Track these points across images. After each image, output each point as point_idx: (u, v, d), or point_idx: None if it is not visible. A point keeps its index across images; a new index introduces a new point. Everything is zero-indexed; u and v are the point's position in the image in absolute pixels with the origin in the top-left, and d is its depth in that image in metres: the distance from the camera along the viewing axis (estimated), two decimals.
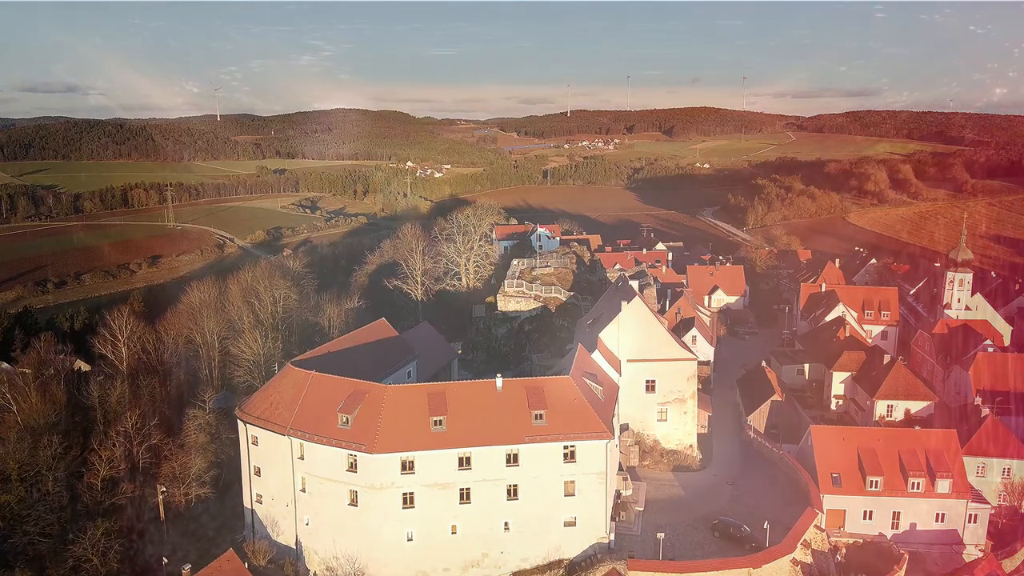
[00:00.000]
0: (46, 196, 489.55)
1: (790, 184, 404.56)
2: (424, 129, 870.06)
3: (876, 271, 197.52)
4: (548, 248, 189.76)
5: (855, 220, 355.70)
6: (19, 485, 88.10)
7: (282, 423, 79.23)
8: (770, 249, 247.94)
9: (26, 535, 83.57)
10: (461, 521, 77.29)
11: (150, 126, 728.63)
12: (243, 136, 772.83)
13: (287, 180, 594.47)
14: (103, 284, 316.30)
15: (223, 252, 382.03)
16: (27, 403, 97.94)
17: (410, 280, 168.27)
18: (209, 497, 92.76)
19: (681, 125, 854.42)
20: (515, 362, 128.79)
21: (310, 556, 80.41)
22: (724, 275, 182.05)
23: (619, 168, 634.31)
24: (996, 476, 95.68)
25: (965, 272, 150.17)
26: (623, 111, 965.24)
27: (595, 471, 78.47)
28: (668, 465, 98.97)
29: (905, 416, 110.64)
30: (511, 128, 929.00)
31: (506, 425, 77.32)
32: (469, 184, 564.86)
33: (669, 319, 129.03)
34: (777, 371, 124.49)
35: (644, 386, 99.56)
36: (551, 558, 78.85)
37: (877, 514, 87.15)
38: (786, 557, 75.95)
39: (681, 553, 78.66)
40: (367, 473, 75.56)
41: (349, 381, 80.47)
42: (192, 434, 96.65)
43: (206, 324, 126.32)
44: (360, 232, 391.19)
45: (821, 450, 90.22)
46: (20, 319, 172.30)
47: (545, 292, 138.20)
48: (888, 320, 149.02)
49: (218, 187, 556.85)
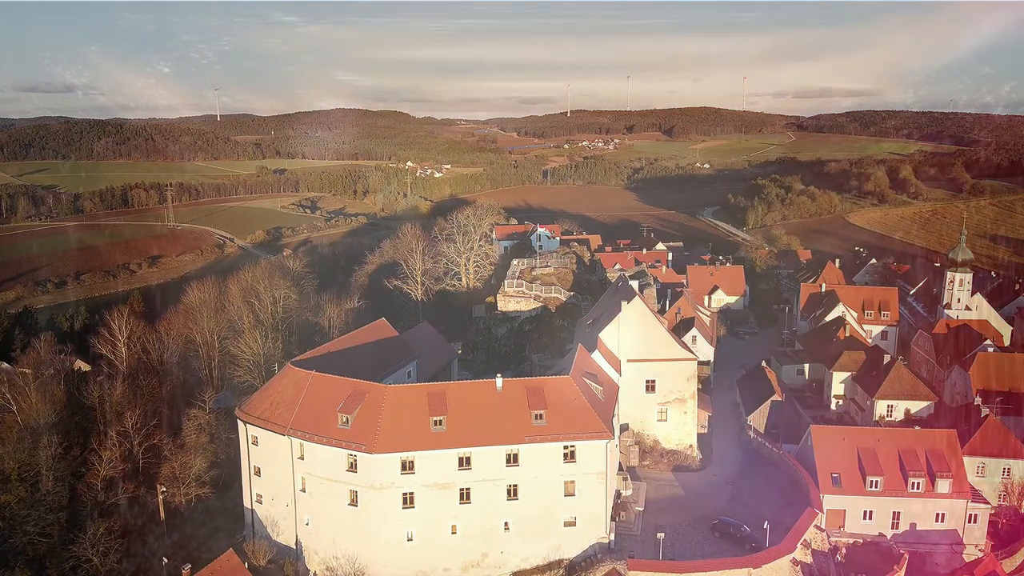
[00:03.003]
0: (46, 196, 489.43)
1: (790, 184, 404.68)
2: (424, 129, 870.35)
3: (876, 271, 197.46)
4: (548, 248, 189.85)
5: (855, 220, 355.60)
6: (19, 485, 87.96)
7: (282, 423, 79.23)
8: (770, 249, 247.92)
9: (26, 535, 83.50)
10: (461, 521, 77.29)
11: (150, 126, 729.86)
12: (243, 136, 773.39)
13: (287, 180, 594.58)
14: (103, 284, 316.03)
15: (223, 252, 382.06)
16: (27, 403, 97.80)
17: (410, 280, 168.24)
18: (209, 497, 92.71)
19: (681, 125, 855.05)
20: (515, 362, 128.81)
21: (310, 556, 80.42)
22: (724, 275, 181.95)
23: (619, 168, 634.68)
24: (996, 476, 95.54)
25: (965, 272, 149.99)
26: (623, 111, 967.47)
27: (595, 471, 78.48)
28: (668, 465, 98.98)
29: (905, 416, 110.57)
30: (511, 128, 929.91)
31: (506, 425, 77.33)
32: (469, 184, 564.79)
33: (669, 319, 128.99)
34: (777, 371, 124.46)
35: (644, 386, 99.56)
36: (551, 558, 78.87)
37: (877, 514, 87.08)
38: (786, 557, 75.96)
39: (681, 553, 78.68)
40: (367, 473, 75.55)
41: (349, 381, 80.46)
42: (192, 434, 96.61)
43: (206, 324, 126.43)
44: (360, 232, 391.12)
45: (821, 450, 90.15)
46: (20, 319, 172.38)
47: (545, 292, 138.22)
48: (888, 320, 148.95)
49: (218, 187, 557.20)
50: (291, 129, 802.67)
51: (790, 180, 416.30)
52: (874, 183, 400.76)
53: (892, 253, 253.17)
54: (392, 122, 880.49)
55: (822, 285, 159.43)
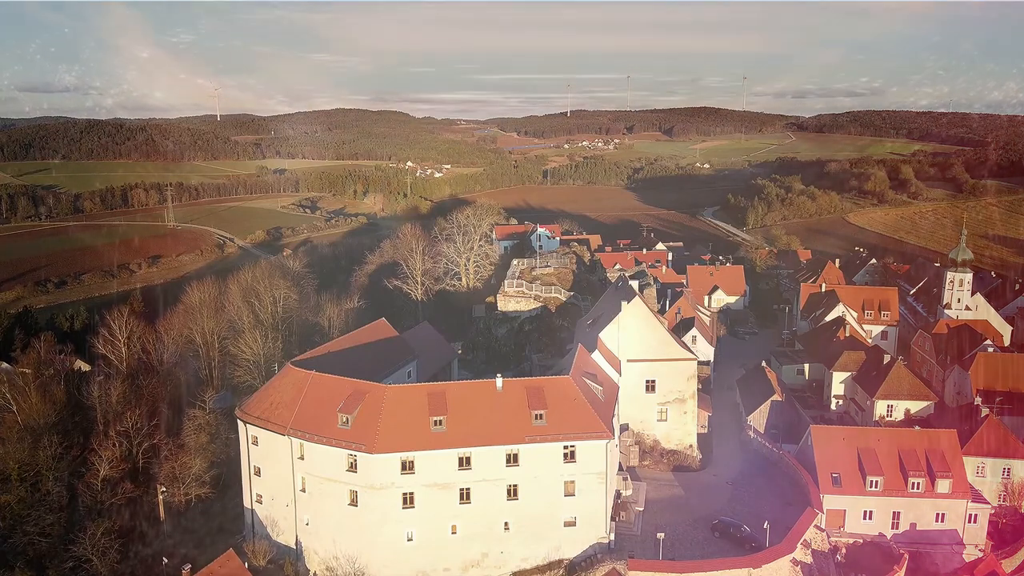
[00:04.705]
0: (46, 196, 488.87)
1: (790, 184, 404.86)
2: (424, 129, 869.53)
3: (876, 271, 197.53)
4: (548, 248, 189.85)
5: (855, 220, 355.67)
6: (19, 485, 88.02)
7: (282, 423, 79.21)
8: (770, 249, 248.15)
9: (26, 535, 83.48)
10: (461, 521, 77.26)
11: (150, 126, 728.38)
12: (243, 136, 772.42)
13: (287, 180, 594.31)
14: (103, 284, 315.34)
15: (223, 252, 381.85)
16: (27, 403, 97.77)
17: (410, 280, 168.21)
18: (209, 497, 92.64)
19: (681, 125, 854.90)
20: (515, 362, 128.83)
21: (310, 556, 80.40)
22: (724, 275, 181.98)
23: (619, 168, 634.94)
24: (996, 476, 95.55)
25: (965, 272, 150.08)
26: (623, 111, 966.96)
27: (595, 471, 78.45)
28: (668, 465, 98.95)
29: (905, 416, 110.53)
30: (511, 128, 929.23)
31: (506, 425, 77.30)
32: (469, 184, 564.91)
33: (669, 319, 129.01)
34: (777, 371, 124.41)
35: (644, 386, 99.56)
36: (551, 558, 78.82)
37: (877, 514, 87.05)
38: (786, 557, 75.94)
39: (681, 553, 78.64)
40: (367, 473, 75.54)
41: (349, 381, 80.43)
42: (192, 434, 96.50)
43: (206, 324, 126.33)
44: (360, 232, 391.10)
45: (821, 450, 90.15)
46: (20, 319, 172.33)
47: (545, 292, 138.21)
48: (888, 320, 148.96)
49: (218, 187, 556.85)
50: (291, 129, 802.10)
51: (790, 180, 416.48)
52: (874, 183, 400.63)
53: (892, 253, 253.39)
54: (392, 122, 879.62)
55: (822, 285, 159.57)
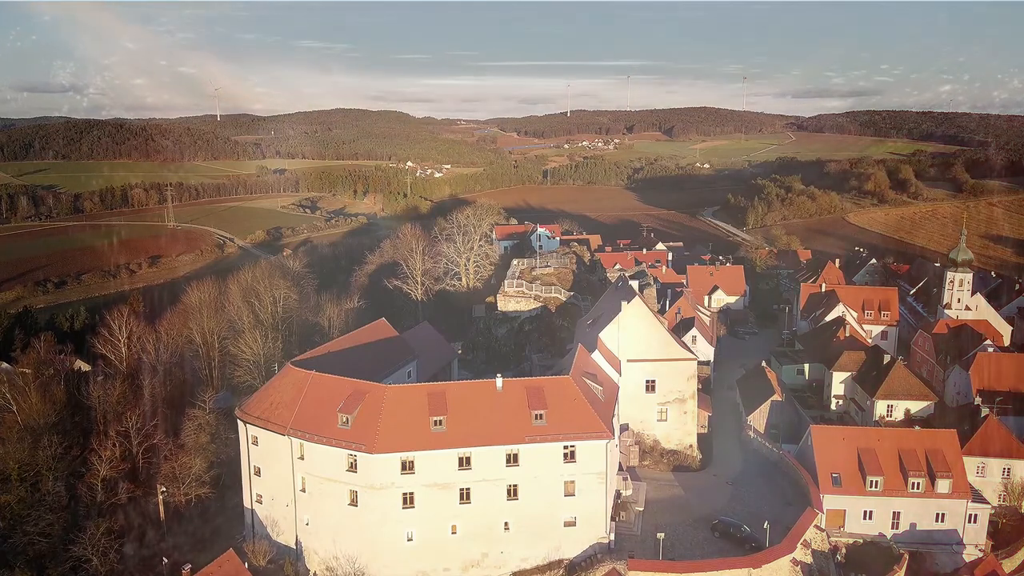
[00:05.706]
0: (46, 196, 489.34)
1: (790, 184, 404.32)
2: (424, 129, 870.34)
3: (876, 271, 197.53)
4: (548, 248, 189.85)
5: (855, 220, 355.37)
6: (19, 485, 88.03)
7: (282, 423, 79.20)
8: (770, 249, 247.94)
9: (26, 535, 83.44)
10: (461, 521, 77.25)
11: (150, 126, 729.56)
12: (243, 136, 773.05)
13: (287, 180, 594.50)
14: (103, 284, 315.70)
15: (223, 252, 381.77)
16: (27, 403, 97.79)
17: (410, 280, 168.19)
18: (209, 497, 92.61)
19: (681, 125, 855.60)
20: (515, 362, 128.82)
21: (310, 556, 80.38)
22: (724, 275, 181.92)
23: (619, 168, 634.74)
24: (996, 476, 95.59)
25: (965, 272, 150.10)
26: (623, 111, 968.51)
27: (595, 471, 78.44)
28: (668, 465, 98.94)
29: (905, 416, 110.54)
30: (511, 128, 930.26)
31: (506, 425, 77.28)
32: (469, 184, 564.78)
33: (669, 319, 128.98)
34: (777, 371, 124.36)
35: (644, 386, 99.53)
36: (551, 558, 78.79)
37: (877, 514, 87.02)
38: (786, 557, 75.92)
39: (681, 553, 78.59)
40: (367, 473, 75.53)
41: (349, 381, 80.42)
42: (192, 434, 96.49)
43: (206, 324, 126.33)
44: (360, 232, 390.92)
45: (821, 450, 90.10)
46: (20, 319, 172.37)
47: (545, 292, 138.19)
48: (888, 320, 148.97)
49: (218, 187, 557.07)
50: (291, 129, 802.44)
51: (790, 180, 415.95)
52: (874, 183, 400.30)
53: (892, 253, 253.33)
54: (392, 122, 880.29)
55: (822, 285, 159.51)
